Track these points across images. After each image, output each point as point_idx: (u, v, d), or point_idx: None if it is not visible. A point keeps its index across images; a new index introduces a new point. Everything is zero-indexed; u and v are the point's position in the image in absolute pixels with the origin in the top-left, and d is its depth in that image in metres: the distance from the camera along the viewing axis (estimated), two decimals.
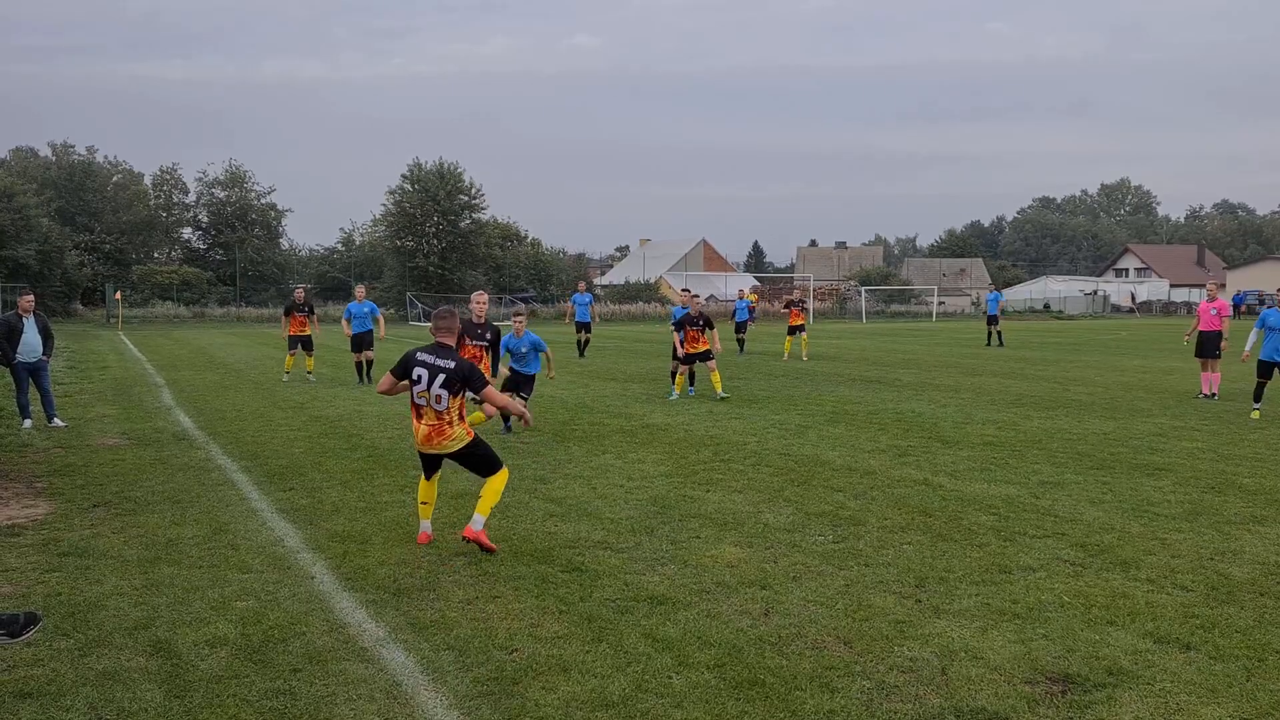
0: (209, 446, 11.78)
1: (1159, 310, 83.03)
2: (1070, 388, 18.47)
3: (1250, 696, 4.64)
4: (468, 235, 63.46)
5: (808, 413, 14.61)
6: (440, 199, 61.40)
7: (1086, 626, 5.55)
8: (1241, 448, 11.45)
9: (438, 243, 62.01)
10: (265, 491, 9.19)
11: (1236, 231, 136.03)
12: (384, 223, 65.41)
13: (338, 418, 14.22)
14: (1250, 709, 4.51)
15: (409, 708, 4.59)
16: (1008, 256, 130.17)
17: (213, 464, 10.65)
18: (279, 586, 6.33)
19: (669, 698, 4.66)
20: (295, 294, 21.52)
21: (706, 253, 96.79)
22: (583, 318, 25.59)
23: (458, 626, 5.59)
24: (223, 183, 68.84)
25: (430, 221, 61.98)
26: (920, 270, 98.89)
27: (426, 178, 61.96)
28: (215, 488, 9.38)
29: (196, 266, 65.01)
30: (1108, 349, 31.31)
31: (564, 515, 8.20)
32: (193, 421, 13.93)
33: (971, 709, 4.53)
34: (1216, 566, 6.67)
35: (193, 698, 4.68)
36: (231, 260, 65.23)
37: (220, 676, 4.92)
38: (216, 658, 5.16)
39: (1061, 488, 9.24)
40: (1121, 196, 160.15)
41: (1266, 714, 4.46)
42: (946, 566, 6.68)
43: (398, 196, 62.64)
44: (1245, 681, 4.80)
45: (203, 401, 16.28)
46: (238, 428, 13.14)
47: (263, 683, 4.84)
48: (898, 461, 10.61)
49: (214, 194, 68.96)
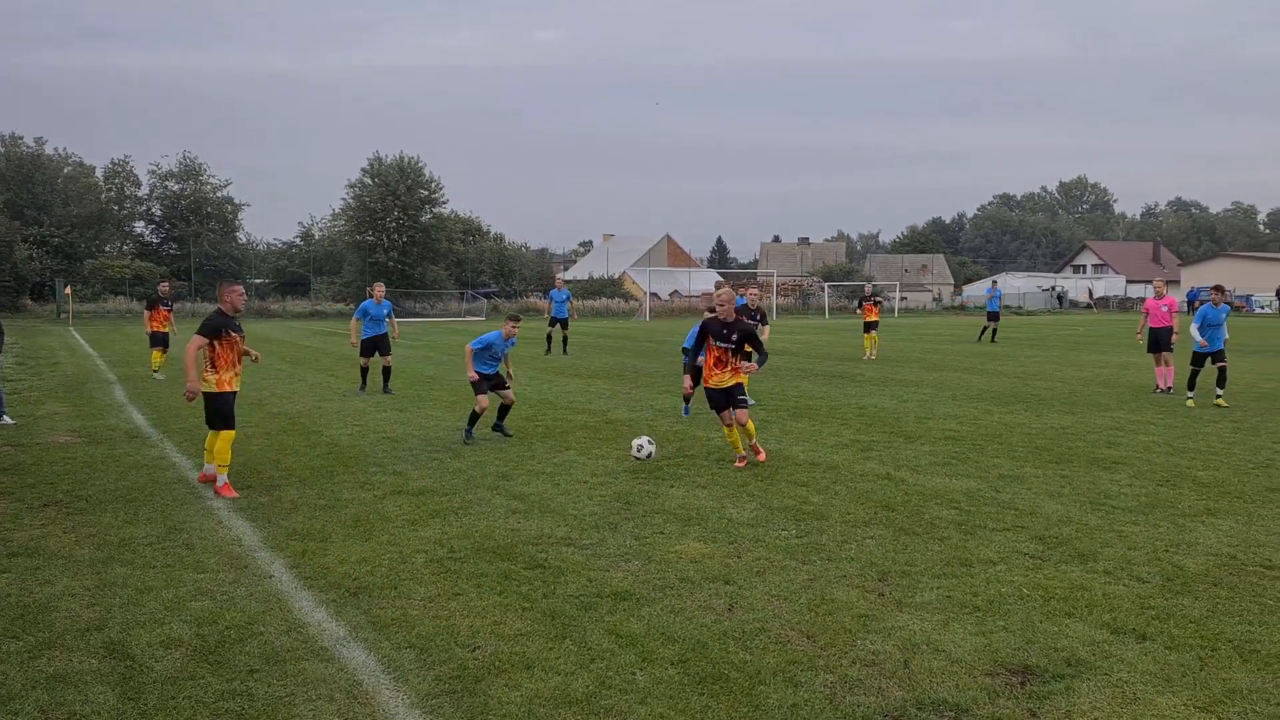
0: (163, 444, 11.58)
1: (1116, 306, 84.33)
2: (1030, 383, 18.70)
3: (1204, 685, 4.71)
4: (429, 230, 62.94)
5: (770, 408, 14.66)
6: (400, 193, 60.83)
7: (1045, 618, 5.61)
8: (1195, 441, 11.65)
9: (398, 237, 61.45)
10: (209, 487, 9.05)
11: (1191, 229, 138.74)
12: (343, 217, 64.66)
13: (296, 414, 14.04)
14: (1204, 697, 4.58)
15: (369, 707, 4.53)
16: (969, 253, 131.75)
17: (167, 462, 10.48)
18: (236, 586, 6.23)
19: (633, 694, 4.64)
20: (160, 287, 21.13)
21: (670, 248, 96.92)
22: (560, 314, 25.50)
23: (419, 624, 5.54)
24: (177, 175, 67.60)
25: (391, 216, 61.40)
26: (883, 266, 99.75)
27: (387, 172, 61.34)
28: (169, 486, 9.22)
29: (150, 261, 63.85)
30: (1066, 344, 31.75)
31: (527, 512, 8.15)
32: (146, 418, 13.70)
33: (933, 701, 4.55)
34: (1171, 558, 6.77)
35: (147, 700, 4.59)
36: (186, 254, 64.15)
37: (175, 678, 4.83)
38: (171, 659, 5.07)
39: (1021, 481, 9.34)
40: (1079, 194, 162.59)
41: (1219, 702, 4.52)
42: (908, 560, 6.73)
43: (358, 190, 61.97)
44: (1199, 671, 4.87)
45: (156, 398, 16.00)
46: (192, 424, 12.92)
47: (219, 684, 4.76)
48: (860, 456, 10.67)
49: (168, 187, 67.74)
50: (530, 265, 79.81)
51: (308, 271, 70.22)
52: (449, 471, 9.85)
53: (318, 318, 56.58)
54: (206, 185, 68.36)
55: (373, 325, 16.64)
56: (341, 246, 66.40)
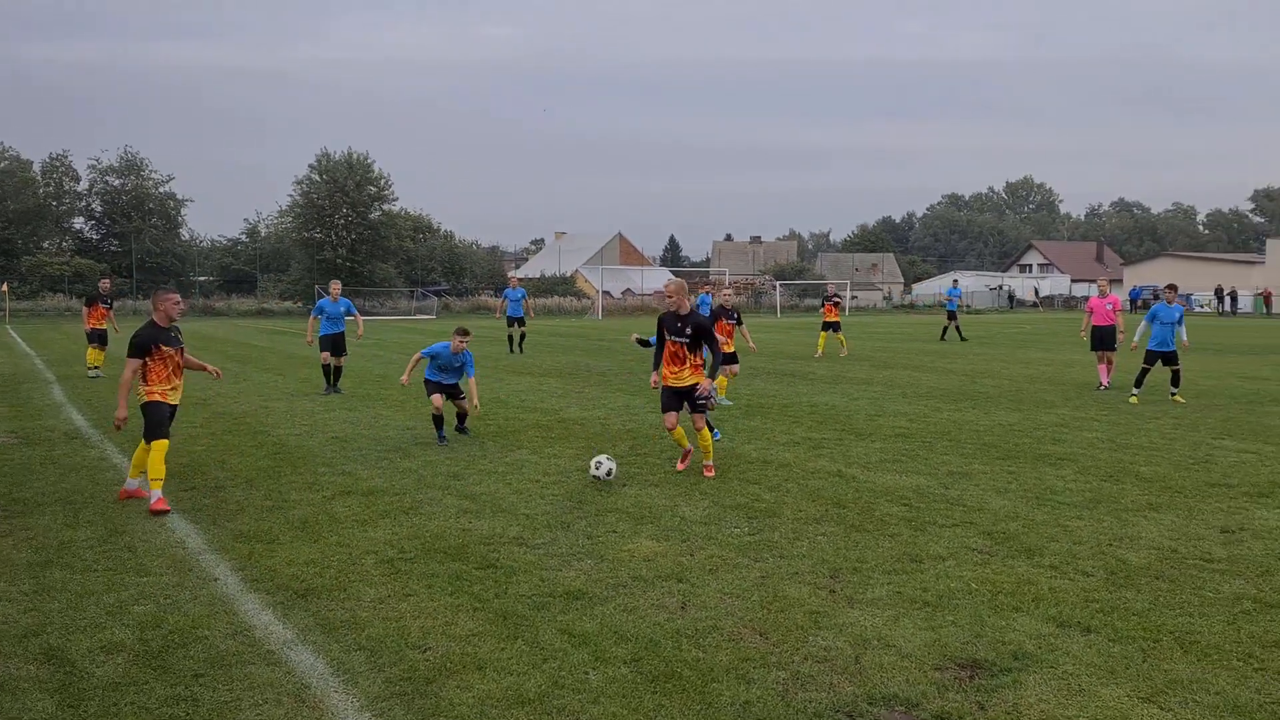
0: (103, 445, 11.32)
1: (1061, 305, 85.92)
2: (978, 380, 18.98)
3: (1146, 676, 4.80)
4: (378, 227, 62.32)
5: (723, 407, 14.70)
6: (349, 190, 60.13)
7: (993, 613, 5.69)
8: (1138, 437, 11.90)
9: (347, 234, 60.77)
10: (165, 491, 8.86)
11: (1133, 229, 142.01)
12: (291, 214, 63.77)
13: (242, 414, 13.81)
14: (1146, 688, 4.67)
15: (318, 711, 4.46)
16: (918, 252, 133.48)
17: (107, 463, 10.24)
18: (180, 589, 6.10)
19: (586, 693, 4.62)
20: (101, 284, 20.76)
21: (623, 246, 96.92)
22: (515, 313, 25.33)
23: (369, 626, 5.46)
24: (117, 170, 66.14)
25: (340, 213, 60.67)
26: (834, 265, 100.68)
27: (335, 168, 60.63)
28: (110, 488, 9.02)
29: (90, 258, 62.41)
30: (1013, 343, 32.26)
31: (478, 512, 8.09)
32: (86, 419, 13.38)
33: (884, 696, 4.59)
34: (1115, 552, 6.90)
35: (87, 707, 4.48)
36: (128, 251, 62.76)
37: (117, 684, 4.72)
38: (112, 665, 4.95)
39: (969, 478, 9.46)
40: (1026, 194, 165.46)
41: (1161, 692, 4.62)
42: (859, 557, 6.78)
43: (305, 187, 61.17)
44: (1142, 662, 4.97)
45: (96, 398, 15.64)
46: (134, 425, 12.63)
47: (162, 689, 4.66)
48: (812, 454, 10.75)
49: (108, 182, 66.24)
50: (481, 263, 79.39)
51: (254, 269, 69.12)
52: (399, 471, 9.74)
53: (264, 316, 55.76)
54: (148, 180, 66.98)
55: (330, 324, 16.41)
56: (289, 244, 65.49)
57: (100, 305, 19.70)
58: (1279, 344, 31.56)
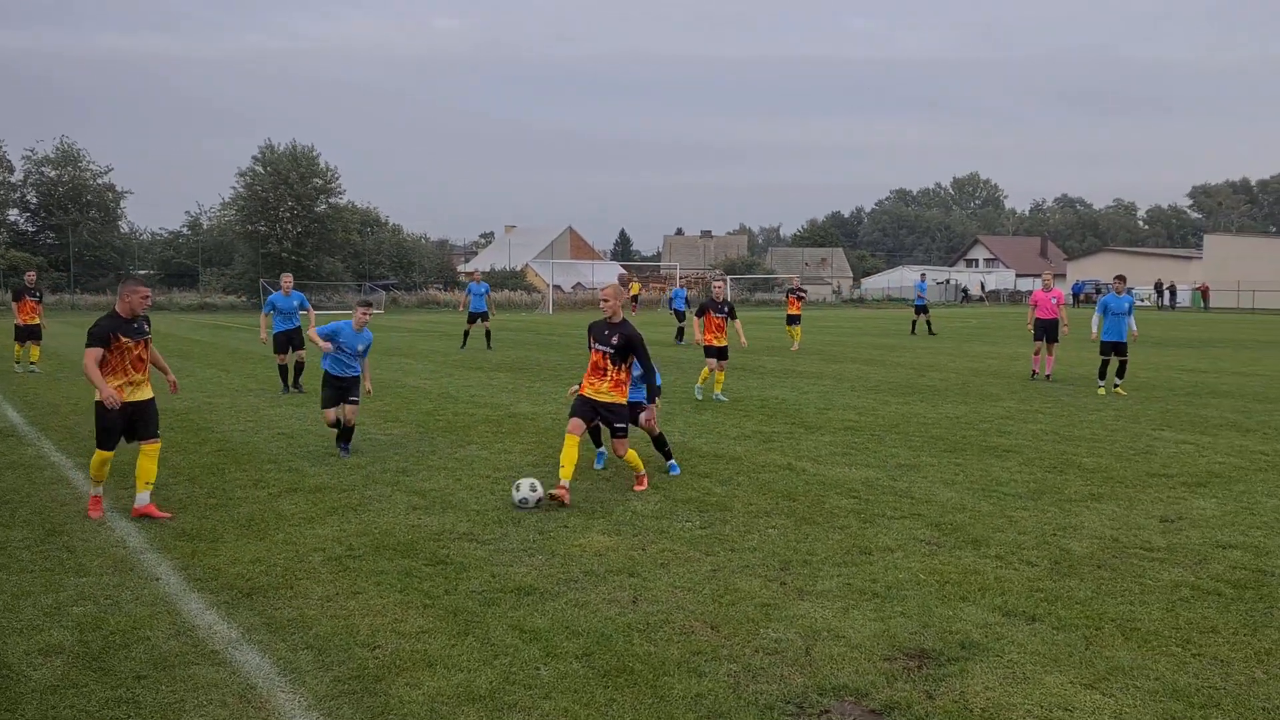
0: (40, 442, 11.04)
1: (1006, 299, 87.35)
2: (925, 374, 19.22)
3: (1089, 663, 4.89)
4: (324, 220, 61.38)
5: (674, 400, 14.73)
6: (293, 182, 59.10)
7: (941, 603, 5.76)
8: (1081, 429, 12.13)
9: (292, 228, 59.77)
10: (105, 490, 8.66)
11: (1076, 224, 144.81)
12: (234, 207, 62.55)
13: (185, 410, 13.55)
14: (1089, 675, 4.76)
15: (264, 711, 4.38)
16: (867, 246, 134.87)
17: (45, 461, 9.99)
18: (120, 590, 5.97)
19: (537, 689, 4.59)
20: (26, 277, 20.31)
21: (573, 240, 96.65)
22: (478, 307, 25.09)
23: (317, 625, 5.38)
24: (54, 161, 64.36)
25: (284, 206, 59.66)
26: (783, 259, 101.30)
27: (279, 160, 59.56)
28: (48, 486, 8.79)
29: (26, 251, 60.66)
30: (960, 336, 32.73)
31: (428, 508, 8.01)
32: (21, 416, 13.04)
33: (834, 686, 4.63)
34: (1059, 542, 7.03)
35: (25, 711, 4.36)
36: (64, 244, 61.17)
37: (55, 687, 4.60)
38: (51, 667, 4.82)
39: (917, 470, 9.58)
40: (972, 190, 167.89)
41: (1103, 679, 4.71)
42: (810, 549, 6.83)
43: (249, 179, 60.03)
44: (1084, 650, 5.07)
45: (32, 394, 15.25)
46: (73, 422, 12.37)
47: (103, 692, 4.55)
48: (762, 447, 10.80)
49: (44, 173, 64.45)
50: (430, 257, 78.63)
51: (196, 263, 67.79)
52: (347, 468, 9.62)
53: (207, 311, 54.76)
54: (86, 172, 65.27)
55: (283, 319, 15.74)
56: (232, 237, 64.26)
57: (28, 299, 19.19)
58: (1217, 338, 32.39)
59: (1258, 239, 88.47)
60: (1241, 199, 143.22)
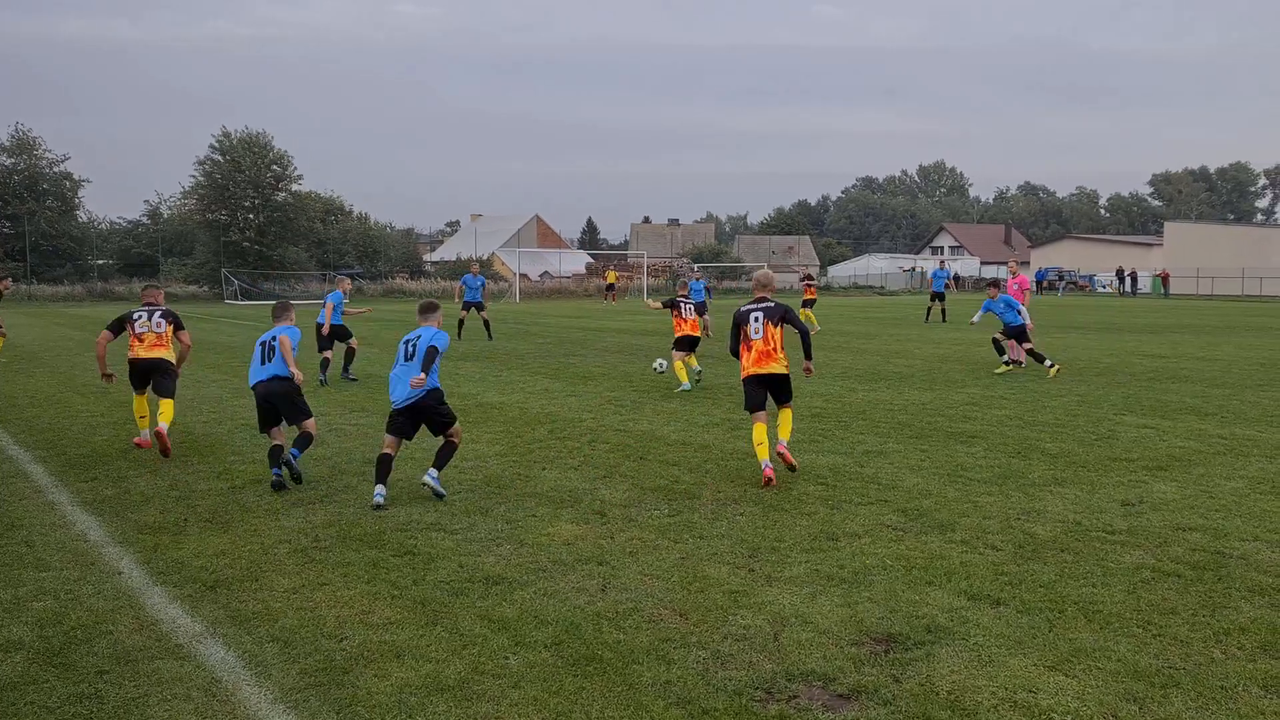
0: None
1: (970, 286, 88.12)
2: (891, 360, 19.35)
3: (1052, 646, 4.96)
4: (286, 209, 60.57)
5: (643, 389, 14.74)
6: (247, 169, 58.18)
7: (907, 587, 5.81)
8: (1044, 415, 12.27)
9: (254, 217, 58.98)
10: (65, 482, 8.54)
11: (1039, 212, 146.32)
12: (194, 195, 61.57)
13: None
14: (1053, 656, 4.82)
15: (230, 705, 4.34)
16: (833, 234, 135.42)
17: (3, 455, 9.82)
18: (81, 584, 5.88)
19: (506, 678, 4.58)
20: None
21: (540, 228, 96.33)
22: (473, 298, 24.94)
23: (283, 617, 5.34)
24: (8, 149, 62.98)
25: (245, 194, 58.84)
26: (750, 247, 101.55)
27: (235, 148, 58.65)
28: (6, 480, 8.65)
29: None
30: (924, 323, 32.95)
31: (395, 498, 7.96)
32: None
33: (802, 672, 4.66)
34: (1023, 526, 7.11)
35: None
36: (20, 234, 59.99)
37: (15, 684, 4.53)
38: (11, 664, 4.75)
39: (884, 456, 9.65)
40: (938, 178, 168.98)
41: (1066, 660, 4.78)
42: (778, 536, 6.86)
43: (208, 167, 59.09)
44: (1048, 632, 5.13)
45: None
46: (31, 414, 12.16)
47: (64, 688, 4.48)
48: (731, 435, 10.83)
49: None
50: (396, 246, 78.01)
51: (156, 252, 66.78)
52: (312, 459, 9.53)
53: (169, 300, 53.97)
54: (42, 160, 63.96)
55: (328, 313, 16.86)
56: (193, 226, 63.31)
57: None
58: (1177, 323, 32.88)
59: (1216, 226, 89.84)
60: (1201, 186, 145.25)
